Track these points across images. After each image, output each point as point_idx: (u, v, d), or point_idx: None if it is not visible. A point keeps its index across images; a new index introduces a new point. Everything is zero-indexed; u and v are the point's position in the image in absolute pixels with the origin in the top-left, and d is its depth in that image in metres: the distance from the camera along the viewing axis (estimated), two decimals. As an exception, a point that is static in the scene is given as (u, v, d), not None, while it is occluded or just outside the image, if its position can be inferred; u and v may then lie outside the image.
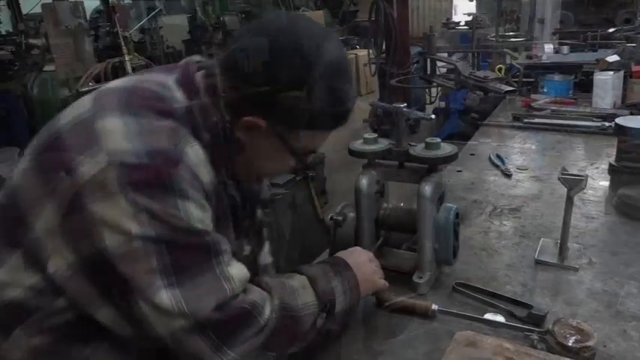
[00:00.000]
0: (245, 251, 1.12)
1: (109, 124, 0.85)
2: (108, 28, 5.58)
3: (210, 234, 0.88)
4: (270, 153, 0.98)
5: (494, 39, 4.96)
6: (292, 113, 0.90)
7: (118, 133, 0.84)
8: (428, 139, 1.21)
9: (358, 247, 1.19)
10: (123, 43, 3.99)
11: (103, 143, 0.83)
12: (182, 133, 0.89)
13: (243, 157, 0.98)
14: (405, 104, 1.24)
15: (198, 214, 0.86)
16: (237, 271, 0.91)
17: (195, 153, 0.89)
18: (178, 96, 0.92)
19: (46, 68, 4.92)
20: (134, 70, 4.19)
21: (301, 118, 0.91)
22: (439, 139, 1.21)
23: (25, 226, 0.87)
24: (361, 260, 1.12)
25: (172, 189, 0.84)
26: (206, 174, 0.91)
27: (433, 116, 1.38)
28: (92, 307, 0.87)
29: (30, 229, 0.87)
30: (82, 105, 0.92)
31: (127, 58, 4.00)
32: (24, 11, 7.16)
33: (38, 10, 4.89)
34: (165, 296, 0.82)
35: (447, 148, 1.21)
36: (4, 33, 7.14)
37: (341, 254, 1.13)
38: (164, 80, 0.94)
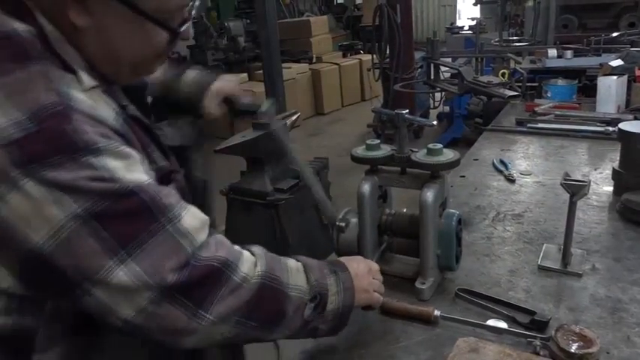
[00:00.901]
0: (178, 172, 1.00)
1: None
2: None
3: (144, 188, 0.76)
4: (124, 27, 0.81)
5: (498, 44, 4.97)
6: None
7: None
8: (430, 145, 1.21)
9: (360, 256, 1.17)
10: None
11: None
12: (55, 75, 0.75)
13: (102, 49, 0.82)
14: (407, 110, 1.24)
15: (120, 165, 0.75)
16: (191, 219, 0.81)
17: (78, 90, 0.76)
18: (17, 26, 0.75)
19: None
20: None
21: None
22: (441, 145, 1.21)
23: None
24: (360, 269, 1.07)
25: (78, 148, 0.71)
26: (106, 108, 0.79)
27: (435, 122, 1.40)
28: (63, 303, 0.79)
29: None
30: None
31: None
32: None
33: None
34: (122, 274, 0.73)
35: (449, 154, 1.21)
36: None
37: (342, 259, 1.11)
38: None
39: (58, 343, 0.81)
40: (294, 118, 3.70)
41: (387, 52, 5.85)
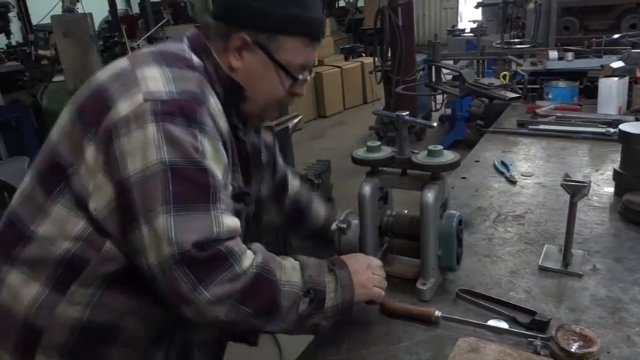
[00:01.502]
0: (251, 196, 1.19)
1: (147, 72, 0.99)
2: (116, 39, 5.66)
3: (215, 177, 0.95)
4: (262, 71, 1.09)
5: (499, 46, 4.97)
6: (264, 16, 1.05)
7: (156, 79, 0.97)
8: (430, 147, 1.22)
9: (361, 253, 1.21)
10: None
11: (143, 85, 0.96)
12: (205, 84, 1.04)
13: (245, 85, 1.09)
14: (408, 112, 1.25)
15: (212, 152, 0.96)
16: (230, 221, 0.96)
17: (215, 102, 1.04)
18: (193, 57, 1.08)
19: (56, 79, 4.98)
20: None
21: (272, 20, 1.05)
22: (441, 147, 1.22)
23: (67, 177, 0.97)
24: (359, 266, 1.13)
25: (195, 121, 0.95)
26: (223, 123, 1.05)
27: (435, 124, 1.40)
28: (122, 241, 0.95)
29: (74, 175, 0.97)
30: (118, 63, 1.05)
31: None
32: (34, 22, 7.27)
33: (48, 21, 4.97)
34: (161, 221, 0.89)
35: (449, 156, 1.22)
36: (14, 44, 7.24)
37: (342, 257, 1.15)
38: (181, 46, 1.10)
39: (94, 286, 0.98)
40: (295, 120, 3.72)
41: (389, 54, 5.86)
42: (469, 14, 13.03)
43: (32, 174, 1.06)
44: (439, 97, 5.83)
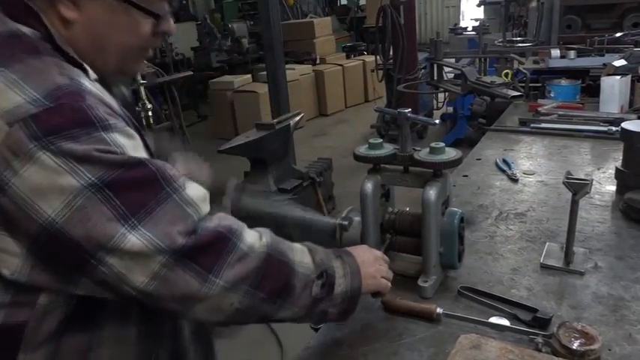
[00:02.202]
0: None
1: None
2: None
3: (150, 162, 0.81)
4: (109, 17, 0.85)
5: (501, 44, 4.96)
6: None
7: (2, 90, 0.73)
8: (432, 144, 1.22)
9: (365, 245, 1.20)
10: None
11: None
12: (65, 65, 0.80)
13: (91, 41, 0.86)
14: (410, 109, 1.25)
15: (128, 143, 0.79)
16: (195, 191, 0.85)
17: (86, 79, 0.82)
18: (22, 28, 0.81)
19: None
20: (143, 77, 4.22)
21: None
22: (443, 144, 1.22)
23: None
24: (367, 256, 1.10)
25: (92, 122, 0.75)
26: (108, 97, 0.85)
27: (437, 121, 1.40)
28: (70, 286, 0.80)
29: None
30: None
31: (136, 65, 4.04)
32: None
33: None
34: (134, 239, 0.76)
35: (451, 153, 1.22)
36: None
37: (347, 248, 1.12)
38: None
39: (45, 344, 0.81)
40: (297, 119, 3.72)
41: (391, 53, 5.85)
42: (471, 12, 13.00)
43: None
44: (441, 96, 5.82)
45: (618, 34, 3.89)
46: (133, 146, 0.81)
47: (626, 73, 2.61)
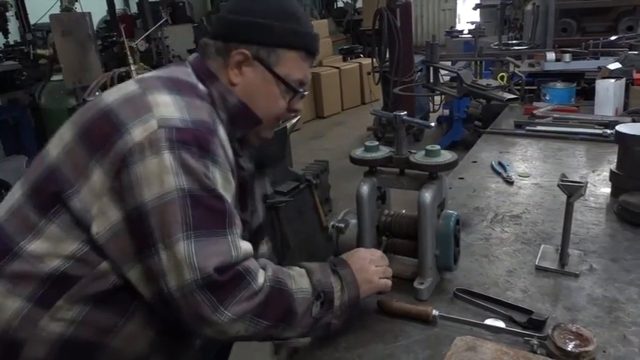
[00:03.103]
0: (250, 224, 1.24)
1: (160, 98, 1.00)
2: (114, 38, 5.65)
3: (227, 203, 0.98)
4: (262, 85, 1.13)
5: (497, 47, 4.98)
6: (263, 30, 1.10)
7: (169, 105, 0.99)
8: (428, 147, 1.23)
9: (361, 248, 1.23)
10: (129, 53, 4.03)
11: (155, 112, 0.97)
12: (215, 114, 1.07)
13: (246, 100, 1.13)
14: (405, 112, 1.26)
15: (222, 182, 0.99)
16: (245, 245, 0.99)
17: (222, 132, 1.06)
18: (199, 85, 1.10)
19: (54, 78, 4.97)
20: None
21: (271, 34, 1.10)
22: (439, 147, 1.23)
23: (66, 197, 0.96)
24: (361, 262, 1.15)
25: (208, 151, 0.97)
26: (229, 151, 1.07)
27: (433, 124, 1.40)
28: (127, 266, 0.96)
29: (74, 197, 0.96)
30: (127, 86, 1.06)
31: (133, 67, 4.04)
32: (32, 21, 7.25)
33: (46, 20, 4.96)
34: (182, 246, 0.90)
35: (447, 156, 1.23)
36: (12, 43, 7.22)
37: (343, 255, 1.18)
38: (186, 71, 1.13)
39: (82, 303, 0.97)
40: (294, 121, 3.72)
41: (387, 55, 5.87)
42: (467, 15, 13.04)
43: (24, 189, 1.04)
44: (437, 98, 5.84)
45: (613, 38, 3.92)
46: (223, 186, 0.99)
47: (621, 76, 2.62)
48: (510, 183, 1.94)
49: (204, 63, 1.14)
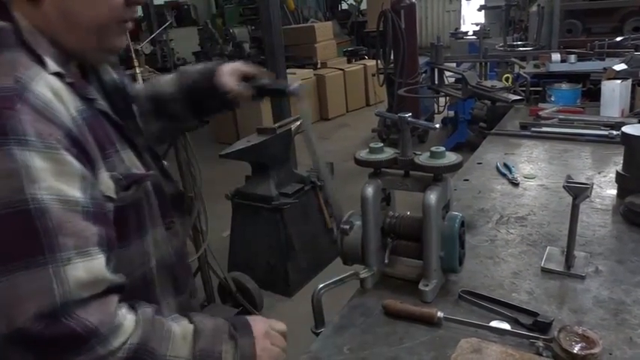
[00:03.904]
0: (152, 167, 1.02)
1: None
2: (120, 41, 5.67)
3: (49, 211, 0.70)
4: None
5: (502, 48, 4.97)
6: None
7: None
8: (433, 148, 1.22)
9: (260, 317, 1.03)
10: (134, 56, 4.05)
11: None
12: (22, 63, 0.76)
13: (63, 18, 0.84)
14: (410, 114, 1.26)
15: (45, 167, 0.70)
16: (83, 272, 0.72)
17: (46, 86, 0.76)
18: None
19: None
20: (145, 82, 4.24)
21: None
22: (443, 148, 1.23)
23: None
24: (259, 330, 0.96)
25: (6, 133, 0.69)
26: (69, 104, 0.79)
27: (437, 126, 1.40)
28: None
29: None
30: None
31: (138, 70, 4.05)
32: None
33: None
34: None
35: (451, 157, 1.22)
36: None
37: (249, 318, 0.99)
38: None
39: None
40: (298, 123, 3.73)
41: (392, 57, 5.87)
42: (472, 17, 13.02)
43: None
44: (442, 100, 5.83)
45: (619, 39, 3.90)
46: (56, 172, 0.71)
47: (627, 77, 2.61)
48: (516, 184, 1.93)
49: None
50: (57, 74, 0.80)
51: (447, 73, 3.67)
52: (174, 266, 1.08)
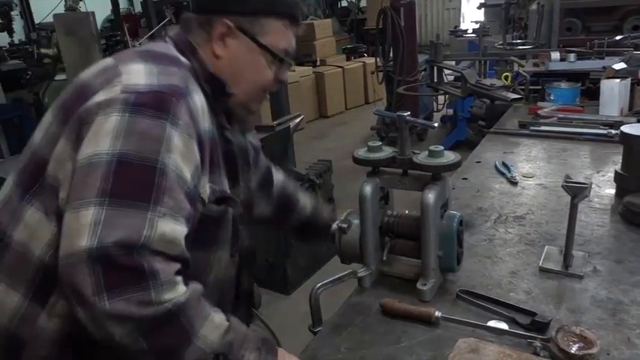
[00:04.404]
0: (240, 196, 1.16)
1: (132, 67, 0.98)
2: (118, 38, 5.67)
3: (167, 177, 0.88)
4: (248, 57, 1.10)
5: (501, 47, 4.96)
6: (243, 0, 1.07)
7: (139, 72, 0.96)
8: (431, 147, 1.22)
9: (283, 350, 1.06)
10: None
11: (124, 78, 0.95)
12: (191, 81, 1.02)
13: (231, 72, 1.09)
14: (409, 112, 1.25)
15: (179, 148, 0.91)
16: (167, 228, 0.86)
17: (199, 100, 1.01)
18: (180, 57, 1.07)
19: (58, 77, 4.99)
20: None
21: (253, 3, 1.07)
22: (442, 147, 1.22)
23: (43, 175, 0.94)
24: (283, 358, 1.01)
25: (167, 112, 0.91)
26: (206, 120, 1.02)
27: (436, 124, 1.40)
28: None
29: (46, 173, 0.94)
30: (104, 62, 1.05)
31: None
32: (36, 21, 7.28)
33: (50, 19, 4.97)
34: (91, 212, 0.82)
35: (450, 156, 1.22)
36: (17, 42, 7.25)
37: (280, 349, 1.03)
38: (166, 46, 1.10)
39: None
40: (297, 120, 3.73)
41: (391, 55, 5.86)
42: (471, 15, 13.00)
43: (13, 178, 1.02)
44: (441, 98, 5.82)
45: (618, 37, 3.90)
46: (182, 152, 0.91)
47: (626, 76, 2.61)
48: (514, 183, 1.93)
49: (186, 37, 1.11)
50: (206, 95, 1.05)
51: (447, 71, 3.65)
52: (224, 289, 1.18)
